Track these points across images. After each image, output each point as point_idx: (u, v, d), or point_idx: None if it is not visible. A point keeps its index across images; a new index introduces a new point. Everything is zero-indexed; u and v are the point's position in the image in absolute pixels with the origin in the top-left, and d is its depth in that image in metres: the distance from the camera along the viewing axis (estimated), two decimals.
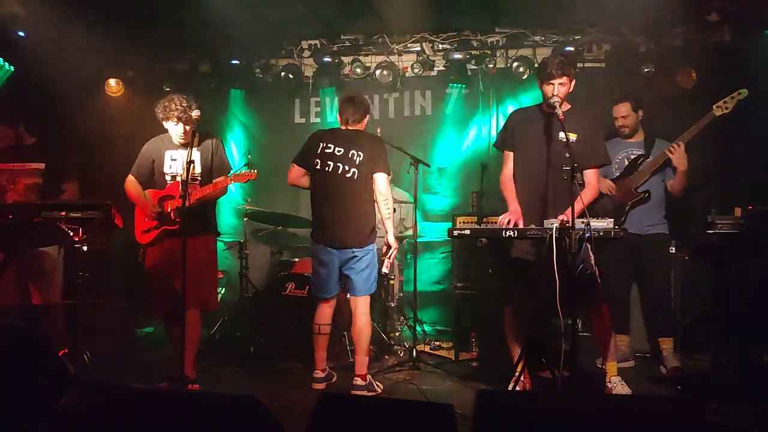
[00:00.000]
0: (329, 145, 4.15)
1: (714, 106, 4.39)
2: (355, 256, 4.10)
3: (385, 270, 4.19)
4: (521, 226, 3.63)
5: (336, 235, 4.11)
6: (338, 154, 4.13)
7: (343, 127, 4.25)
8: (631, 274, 4.73)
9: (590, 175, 3.81)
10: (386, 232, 4.17)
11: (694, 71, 5.49)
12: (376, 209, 4.18)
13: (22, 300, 4.20)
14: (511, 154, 3.96)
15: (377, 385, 4.22)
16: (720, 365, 3.59)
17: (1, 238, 3.74)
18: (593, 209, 4.04)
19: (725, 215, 3.57)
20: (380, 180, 4.11)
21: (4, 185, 4.31)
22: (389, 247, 4.18)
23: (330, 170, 4.12)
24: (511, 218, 3.68)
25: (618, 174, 4.68)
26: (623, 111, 4.68)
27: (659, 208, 4.66)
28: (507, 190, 3.92)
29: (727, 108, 4.36)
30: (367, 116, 4.32)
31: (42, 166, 4.33)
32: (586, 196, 3.55)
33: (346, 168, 4.11)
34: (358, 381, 4.10)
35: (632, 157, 4.66)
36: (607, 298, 3.83)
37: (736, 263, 3.64)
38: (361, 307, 4.15)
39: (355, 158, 4.11)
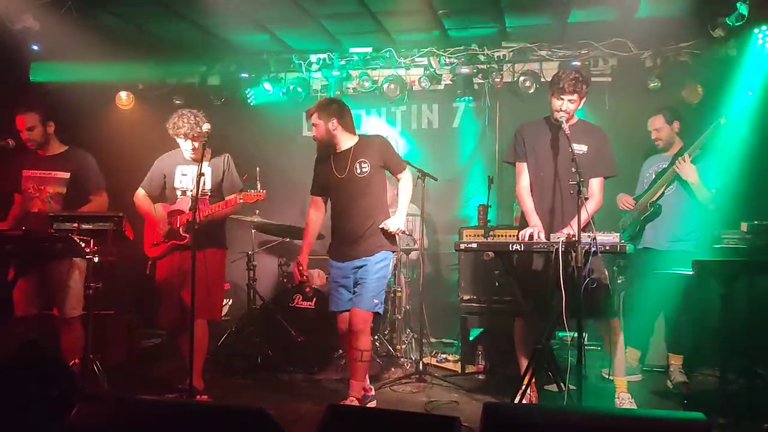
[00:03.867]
0: None
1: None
2: None
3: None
4: (543, 238, 3.60)
5: None
6: None
7: None
8: (651, 289, 4.59)
9: (594, 185, 3.79)
10: None
11: (700, 86, 5.51)
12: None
13: (39, 311, 4.15)
14: (525, 164, 3.93)
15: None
16: (727, 381, 3.57)
17: (17, 249, 3.72)
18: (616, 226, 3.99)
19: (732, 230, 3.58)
20: None
21: (32, 192, 4.24)
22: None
23: None
24: (532, 232, 3.64)
25: (645, 189, 4.64)
26: (657, 123, 4.62)
27: (682, 223, 4.49)
28: (525, 203, 3.88)
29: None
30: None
31: (67, 175, 4.25)
32: (589, 207, 3.54)
33: None
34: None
35: (659, 170, 4.60)
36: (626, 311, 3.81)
37: (743, 278, 3.63)
38: None
39: None
